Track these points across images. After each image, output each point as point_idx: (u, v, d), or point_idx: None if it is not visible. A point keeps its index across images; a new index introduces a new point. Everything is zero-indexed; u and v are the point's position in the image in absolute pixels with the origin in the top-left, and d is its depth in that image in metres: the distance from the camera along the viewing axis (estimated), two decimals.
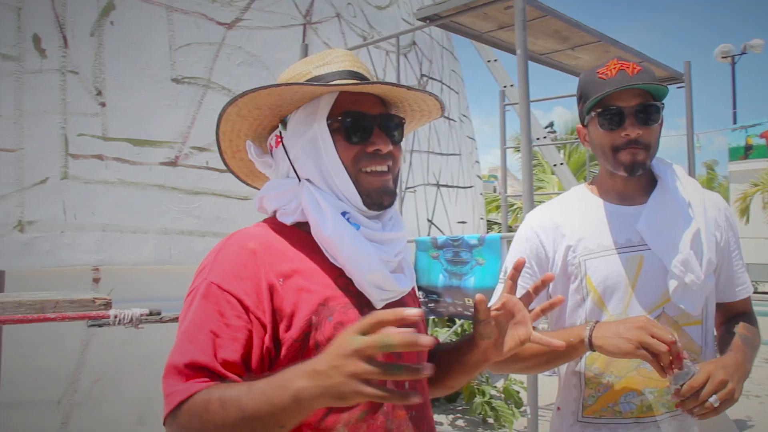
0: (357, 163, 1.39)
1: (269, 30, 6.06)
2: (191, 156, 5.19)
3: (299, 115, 1.42)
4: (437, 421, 6.79)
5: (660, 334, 1.57)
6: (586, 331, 1.71)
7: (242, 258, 1.29)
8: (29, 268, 4.28)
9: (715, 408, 1.60)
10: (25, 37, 4.54)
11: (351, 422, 1.28)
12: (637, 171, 1.86)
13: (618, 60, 1.90)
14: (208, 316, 1.23)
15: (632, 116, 1.83)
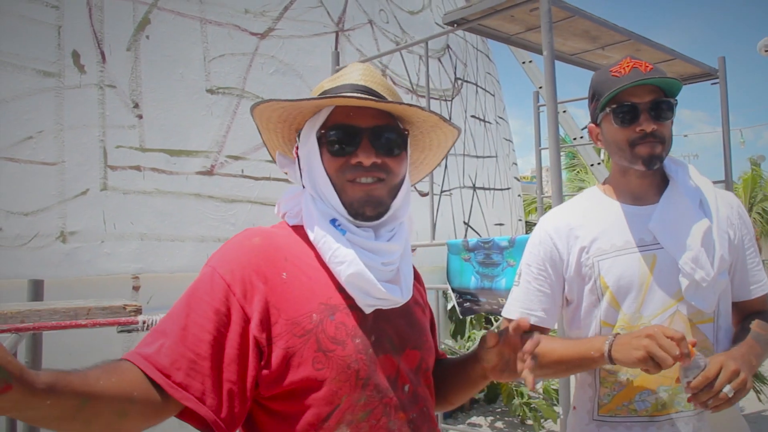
0: (343, 174, 1.40)
1: (302, 38, 6.14)
2: (227, 165, 5.29)
3: (306, 127, 1.49)
4: (476, 423, 6.80)
5: (668, 347, 1.57)
6: (606, 345, 1.72)
7: (242, 249, 1.34)
8: (71, 277, 4.41)
9: (729, 399, 1.60)
10: (65, 53, 4.68)
11: (354, 422, 1.30)
12: (654, 164, 1.88)
13: (631, 58, 1.92)
14: (191, 304, 1.28)
15: (646, 112, 1.86)
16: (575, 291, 1.96)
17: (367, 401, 1.32)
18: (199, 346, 1.22)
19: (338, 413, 1.29)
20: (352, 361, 1.31)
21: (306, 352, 1.28)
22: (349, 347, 1.31)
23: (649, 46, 5.06)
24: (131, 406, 1.14)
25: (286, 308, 1.30)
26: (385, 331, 1.39)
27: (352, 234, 1.39)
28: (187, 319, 1.25)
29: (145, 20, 5.06)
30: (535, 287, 2.00)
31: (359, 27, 6.87)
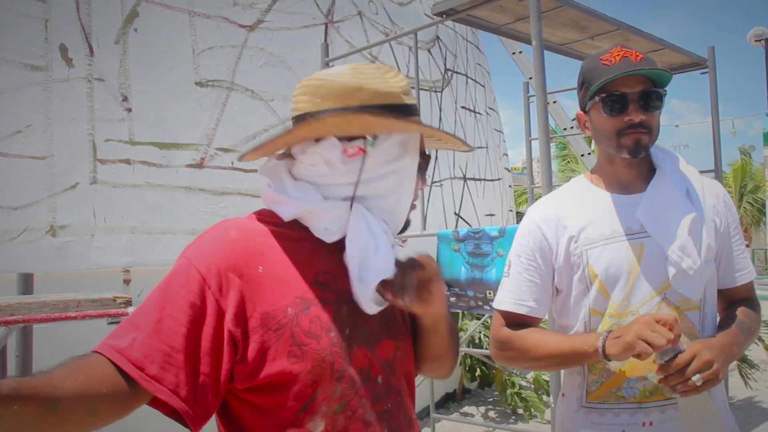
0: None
1: (291, 30, 6.13)
2: (217, 157, 5.28)
3: (393, 142, 1.41)
4: (468, 413, 6.83)
5: (661, 331, 1.62)
6: (600, 341, 1.75)
7: (218, 242, 1.33)
8: (62, 271, 4.40)
9: (698, 387, 1.63)
10: (52, 47, 4.66)
11: (329, 414, 1.31)
12: (640, 153, 1.90)
13: (621, 47, 1.93)
14: (165, 297, 1.27)
15: (635, 102, 1.87)
16: (564, 280, 1.98)
17: (342, 393, 1.33)
18: (173, 339, 1.22)
19: (313, 405, 1.30)
20: (327, 354, 1.31)
21: (281, 345, 1.28)
22: (324, 341, 1.31)
23: (639, 36, 5.08)
24: (100, 403, 1.15)
25: (261, 302, 1.29)
26: (359, 324, 1.40)
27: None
28: (161, 312, 1.25)
29: (133, 13, 5.04)
30: (525, 278, 2.02)
31: (348, 18, 6.86)
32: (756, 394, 7.14)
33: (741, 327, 1.88)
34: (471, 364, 7.10)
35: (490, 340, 2.12)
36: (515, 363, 2.08)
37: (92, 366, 1.18)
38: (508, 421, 6.52)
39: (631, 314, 1.87)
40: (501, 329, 2.05)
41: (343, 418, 1.33)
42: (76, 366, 1.16)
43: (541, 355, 1.92)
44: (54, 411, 1.08)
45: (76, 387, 1.12)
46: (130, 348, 1.20)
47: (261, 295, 1.30)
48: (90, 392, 1.13)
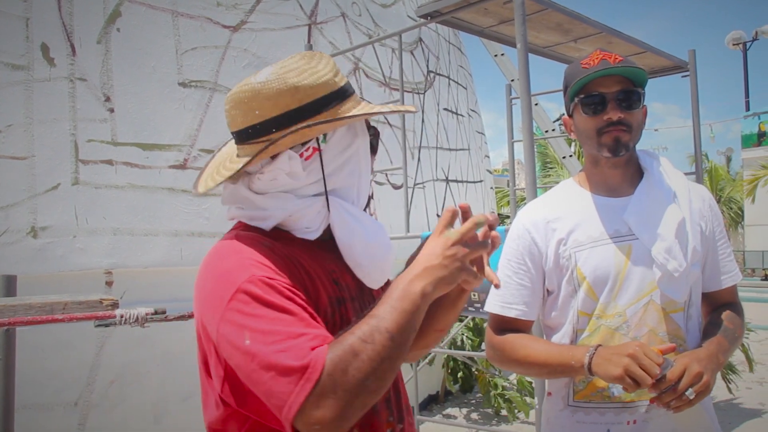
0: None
1: (274, 31, 6.11)
2: (200, 158, 5.25)
3: (341, 130, 1.44)
4: (451, 415, 6.84)
5: (648, 366, 1.64)
6: (586, 357, 1.78)
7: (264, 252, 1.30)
8: (43, 273, 4.36)
9: (691, 400, 1.67)
10: (34, 46, 4.61)
11: None
12: (620, 151, 1.93)
13: (600, 51, 1.98)
14: (280, 313, 1.20)
15: (613, 101, 1.91)
16: (555, 282, 2.01)
17: None
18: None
19: None
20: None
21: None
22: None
23: (621, 39, 5.12)
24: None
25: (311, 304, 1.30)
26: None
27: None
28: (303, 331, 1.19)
29: (115, 12, 5.00)
30: (515, 281, 2.05)
31: (332, 20, 6.85)
32: (736, 395, 7.21)
33: (726, 334, 1.91)
34: (453, 366, 7.11)
35: (485, 343, 2.15)
36: (506, 367, 2.12)
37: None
38: (491, 423, 6.53)
39: (618, 315, 1.89)
40: (493, 334, 2.09)
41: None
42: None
43: (531, 363, 1.96)
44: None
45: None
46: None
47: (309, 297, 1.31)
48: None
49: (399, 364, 1.20)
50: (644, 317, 1.89)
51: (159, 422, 4.67)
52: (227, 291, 1.23)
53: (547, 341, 2.05)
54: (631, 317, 1.89)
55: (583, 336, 1.94)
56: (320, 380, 1.11)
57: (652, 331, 1.88)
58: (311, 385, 1.11)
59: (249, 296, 1.21)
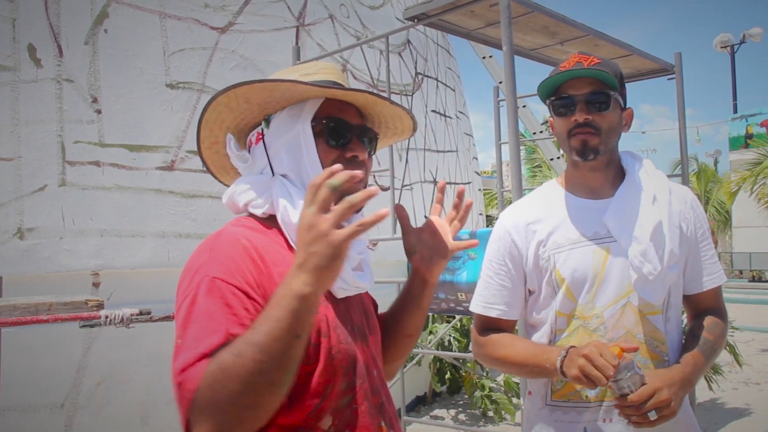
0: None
1: (262, 33, 6.12)
2: (187, 160, 5.26)
3: (284, 115, 1.48)
4: (438, 416, 6.85)
5: (602, 367, 1.66)
6: (558, 360, 1.80)
7: (238, 253, 1.30)
8: (30, 274, 4.36)
9: (652, 421, 1.69)
10: (20, 47, 4.61)
11: (337, 409, 1.33)
12: (588, 155, 1.94)
13: (579, 54, 2.00)
14: (216, 310, 1.21)
15: (582, 103, 1.93)
16: (535, 283, 2.03)
17: (347, 388, 1.35)
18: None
19: (325, 402, 1.32)
20: (336, 351, 1.33)
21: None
22: (333, 338, 1.34)
23: (608, 42, 5.14)
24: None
25: None
26: (354, 321, 1.45)
27: None
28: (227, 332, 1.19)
29: (103, 14, 5.00)
30: (496, 282, 2.07)
31: (320, 22, 6.87)
32: (720, 395, 7.25)
33: (704, 349, 1.93)
34: (440, 367, 7.12)
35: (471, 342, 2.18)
36: (490, 365, 2.15)
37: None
38: (478, 424, 6.55)
39: (596, 317, 1.91)
40: (476, 332, 2.13)
41: (349, 412, 1.35)
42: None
43: (510, 362, 2.00)
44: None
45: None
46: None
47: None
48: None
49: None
50: (621, 319, 1.90)
51: (146, 423, 4.67)
52: (188, 285, 1.28)
53: (526, 341, 2.07)
54: (609, 319, 1.90)
55: (563, 336, 1.96)
56: (194, 400, 1.11)
57: (629, 332, 1.89)
58: (187, 405, 1.12)
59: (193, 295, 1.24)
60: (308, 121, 1.45)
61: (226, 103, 1.48)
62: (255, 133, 1.54)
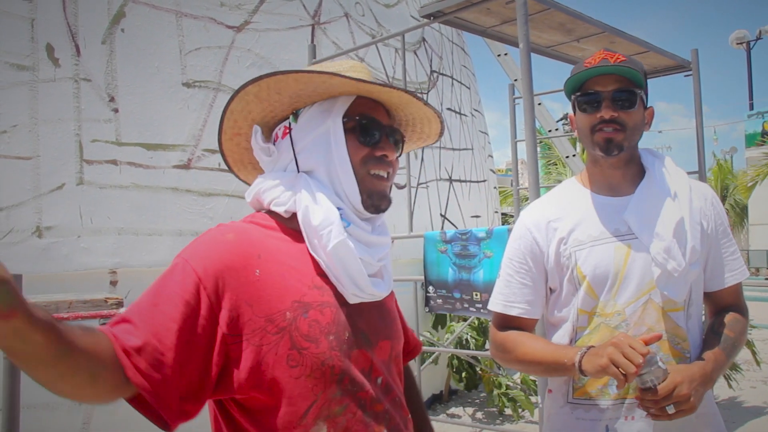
0: (365, 165, 1.45)
1: (278, 32, 6.13)
2: (204, 158, 5.28)
3: (314, 110, 1.47)
4: (455, 414, 6.84)
5: (631, 355, 1.65)
6: (577, 357, 1.80)
7: (216, 245, 1.32)
8: (48, 272, 4.38)
9: (669, 415, 1.69)
10: (39, 47, 4.64)
11: (330, 417, 1.32)
12: (612, 150, 1.94)
13: (604, 50, 1.99)
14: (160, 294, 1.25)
15: (608, 99, 1.93)
16: (557, 281, 2.02)
17: (342, 395, 1.33)
18: (165, 336, 1.20)
19: (315, 409, 1.31)
20: (326, 358, 1.32)
21: (280, 350, 1.28)
22: (323, 345, 1.32)
23: (624, 39, 5.12)
24: (103, 372, 1.11)
25: (258, 306, 1.29)
26: (358, 326, 1.41)
27: (355, 227, 1.42)
28: (155, 308, 1.23)
29: (120, 13, 5.02)
30: (517, 280, 2.07)
31: (335, 20, 6.87)
32: (739, 393, 7.20)
33: (725, 346, 1.92)
34: (458, 365, 7.12)
35: (489, 341, 2.17)
36: (508, 365, 2.14)
37: (99, 337, 1.15)
38: (495, 422, 6.54)
39: (617, 314, 1.90)
40: (496, 331, 2.12)
41: (345, 420, 1.34)
42: (88, 330, 1.13)
43: (528, 360, 1.99)
44: (66, 359, 1.04)
45: (91, 346, 1.09)
46: (123, 338, 1.17)
47: (259, 299, 1.30)
48: (98, 356, 1.10)
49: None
50: (643, 316, 1.90)
51: None
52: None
53: (545, 340, 2.06)
54: (630, 316, 1.90)
55: (584, 334, 1.95)
56: None
57: (651, 329, 1.88)
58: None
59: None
60: (340, 116, 1.45)
61: (256, 93, 1.46)
62: (282, 127, 1.53)
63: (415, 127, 1.63)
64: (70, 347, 1.04)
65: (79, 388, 1.10)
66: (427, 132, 1.66)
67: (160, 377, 1.18)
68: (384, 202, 1.47)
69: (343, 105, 1.46)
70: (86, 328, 1.14)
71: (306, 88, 1.44)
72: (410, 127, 1.64)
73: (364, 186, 1.44)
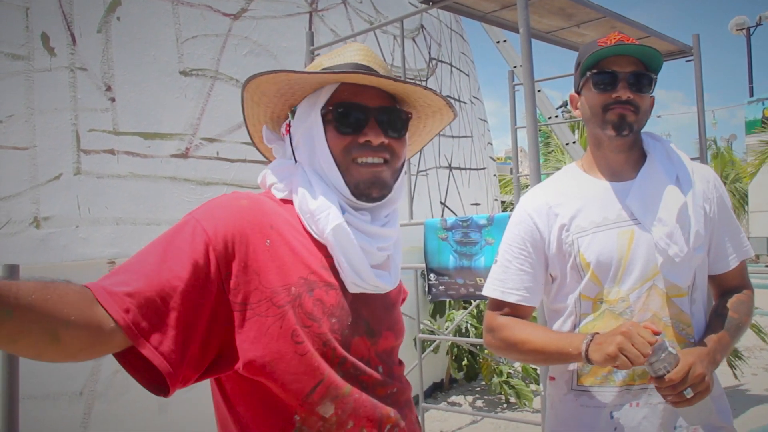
0: (348, 154, 1.40)
1: (275, 19, 6.08)
2: (202, 147, 5.24)
3: (303, 104, 1.47)
4: (456, 402, 6.84)
5: (640, 344, 1.62)
6: (583, 345, 1.76)
7: (229, 208, 1.30)
8: (46, 263, 4.36)
9: (688, 399, 1.66)
10: (34, 36, 4.59)
11: (338, 398, 1.30)
12: (623, 129, 1.91)
13: (619, 33, 1.97)
14: (167, 250, 1.22)
15: (625, 81, 1.91)
16: (558, 268, 1.99)
17: (344, 376, 1.32)
18: (169, 294, 1.16)
19: (322, 388, 1.28)
20: (327, 339, 1.30)
21: (285, 324, 1.26)
22: (325, 325, 1.30)
23: (625, 24, 5.08)
24: (65, 330, 1.04)
25: (266, 276, 1.27)
26: (362, 315, 1.39)
27: (351, 215, 1.39)
28: (161, 264, 1.18)
29: (115, 1, 4.97)
30: (515, 266, 2.03)
31: (333, 7, 6.82)
32: (742, 381, 7.19)
33: (729, 327, 1.90)
34: (458, 353, 7.11)
35: (483, 328, 2.13)
36: (502, 353, 2.10)
37: (71, 292, 1.08)
38: (496, 410, 6.53)
39: (622, 300, 1.88)
40: (491, 317, 2.08)
41: (352, 401, 1.32)
42: (51, 285, 1.06)
43: (528, 349, 1.94)
44: (9, 321, 0.97)
45: (42, 303, 1.01)
46: (121, 292, 1.13)
47: (267, 269, 1.28)
48: (56, 314, 1.03)
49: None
50: (647, 302, 1.87)
51: (164, 411, 4.68)
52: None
53: (544, 327, 2.03)
54: (635, 302, 1.88)
55: (587, 320, 1.93)
56: None
57: (656, 315, 1.86)
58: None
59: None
60: (318, 109, 1.43)
61: (250, 98, 1.50)
62: (285, 124, 1.55)
63: (420, 101, 1.56)
64: (13, 308, 0.98)
65: (39, 348, 1.04)
66: (436, 106, 1.58)
67: (160, 337, 1.14)
68: (374, 190, 1.41)
69: (325, 96, 1.43)
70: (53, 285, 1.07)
71: (281, 86, 1.44)
72: (416, 102, 1.56)
73: (351, 176, 1.40)
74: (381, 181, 1.42)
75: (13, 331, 0.98)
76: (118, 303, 1.11)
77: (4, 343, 1.00)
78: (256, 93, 1.47)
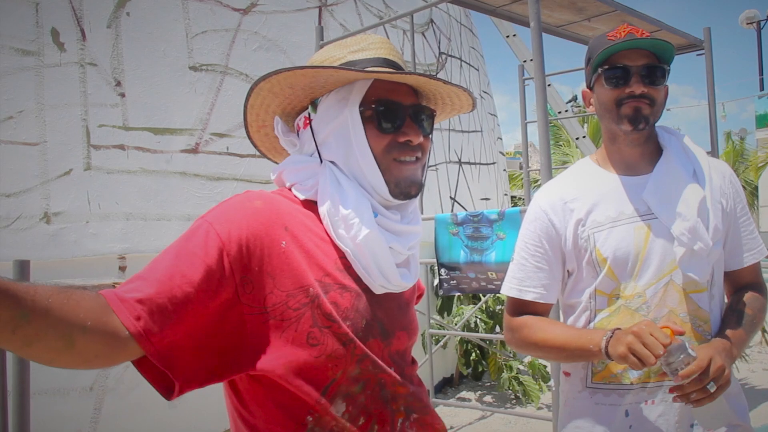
0: (388, 153, 1.39)
1: (285, 14, 6.07)
2: (211, 142, 5.24)
3: (331, 99, 1.42)
4: (465, 398, 6.83)
5: (652, 345, 1.59)
6: (603, 341, 1.73)
7: (243, 210, 1.27)
8: (57, 258, 4.36)
9: (711, 394, 1.62)
10: (44, 31, 4.59)
11: (350, 395, 1.29)
12: (639, 123, 1.89)
13: (628, 25, 1.94)
14: (180, 255, 1.20)
15: (637, 75, 1.88)
16: (574, 263, 1.97)
17: (361, 373, 1.30)
18: (181, 300, 1.14)
19: (334, 387, 1.27)
20: (347, 339, 1.28)
21: (300, 327, 1.24)
22: (343, 326, 1.28)
23: (636, 17, 5.06)
24: (81, 336, 1.04)
25: (281, 279, 1.25)
26: (377, 316, 1.37)
27: (383, 217, 1.38)
28: (174, 268, 1.16)
29: None
30: (532, 264, 2.01)
31: (342, 2, 6.80)
32: (750, 375, 7.16)
33: (745, 323, 1.88)
34: (467, 348, 7.09)
35: (503, 326, 2.12)
36: (524, 351, 2.09)
37: (86, 297, 1.08)
38: (505, 405, 6.52)
39: (638, 296, 1.86)
40: (510, 317, 2.06)
41: (364, 398, 1.31)
42: (68, 290, 1.06)
43: (549, 346, 1.92)
44: (25, 324, 0.97)
45: (59, 307, 1.01)
46: (132, 298, 1.11)
47: (282, 272, 1.26)
48: (73, 319, 1.03)
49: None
50: (664, 297, 1.85)
51: (174, 406, 4.68)
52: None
53: (564, 324, 2.02)
54: (651, 297, 1.85)
55: (602, 316, 1.91)
56: None
57: (673, 311, 1.84)
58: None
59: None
60: (356, 106, 1.39)
61: (269, 88, 1.43)
62: (302, 117, 1.49)
63: (444, 99, 1.56)
64: (30, 311, 0.97)
65: (54, 353, 1.04)
66: (458, 104, 1.58)
67: (169, 344, 1.14)
68: (413, 188, 1.42)
69: (360, 92, 1.39)
70: (70, 290, 1.06)
71: (316, 80, 1.40)
72: (440, 100, 1.56)
73: (390, 175, 1.39)
74: (417, 180, 1.43)
75: (29, 334, 0.98)
76: (129, 310, 1.10)
77: (18, 347, 1.00)
78: (281, 85, 1.42)
